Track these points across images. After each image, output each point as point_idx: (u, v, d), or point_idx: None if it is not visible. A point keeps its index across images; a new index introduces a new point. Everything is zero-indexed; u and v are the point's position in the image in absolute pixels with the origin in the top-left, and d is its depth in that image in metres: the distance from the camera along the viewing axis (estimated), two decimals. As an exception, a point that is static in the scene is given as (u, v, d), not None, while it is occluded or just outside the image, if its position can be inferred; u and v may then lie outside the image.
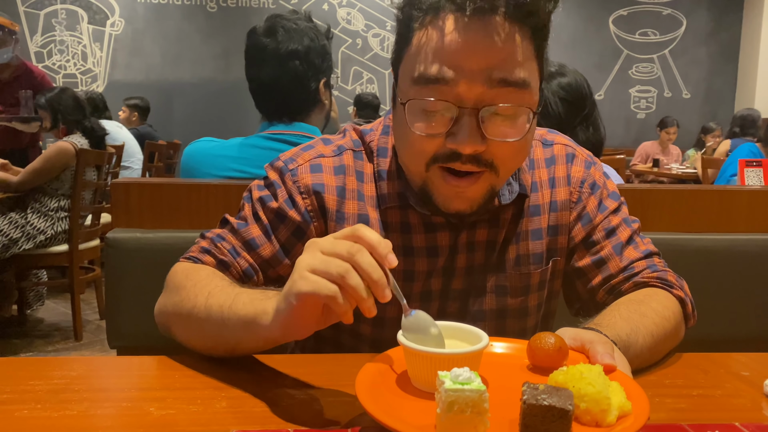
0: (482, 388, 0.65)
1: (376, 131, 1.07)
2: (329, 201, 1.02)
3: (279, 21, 1.74)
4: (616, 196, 1.13)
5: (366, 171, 1.05)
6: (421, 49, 0.88)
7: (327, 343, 1.10)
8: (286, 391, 0.83)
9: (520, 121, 0.89)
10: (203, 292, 0.90)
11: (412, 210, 1.02)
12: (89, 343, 3.67)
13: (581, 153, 1.14)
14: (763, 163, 3.21)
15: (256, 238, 1.02)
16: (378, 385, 0.75)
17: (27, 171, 3.50)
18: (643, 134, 8.43)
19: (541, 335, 0.82)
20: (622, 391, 0.72)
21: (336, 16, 7.99)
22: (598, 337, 0.83)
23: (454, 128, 0.87)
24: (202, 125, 7.32)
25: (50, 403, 0.78)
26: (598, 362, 0.77)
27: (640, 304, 1.00)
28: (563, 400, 0.66)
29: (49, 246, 3.55)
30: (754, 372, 0.93)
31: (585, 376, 0.70)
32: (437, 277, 1.04)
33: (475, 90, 0.86)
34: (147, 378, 0.91)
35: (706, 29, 8.67)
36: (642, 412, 0.70)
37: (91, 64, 7.73)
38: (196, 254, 1.03)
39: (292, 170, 1.03)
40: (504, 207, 1.04)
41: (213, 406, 0.77)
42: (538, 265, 1.08)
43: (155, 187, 1.58)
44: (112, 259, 1.50)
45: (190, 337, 0.94)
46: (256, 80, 1.76)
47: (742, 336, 1.62)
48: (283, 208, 1.01)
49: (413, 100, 0.89)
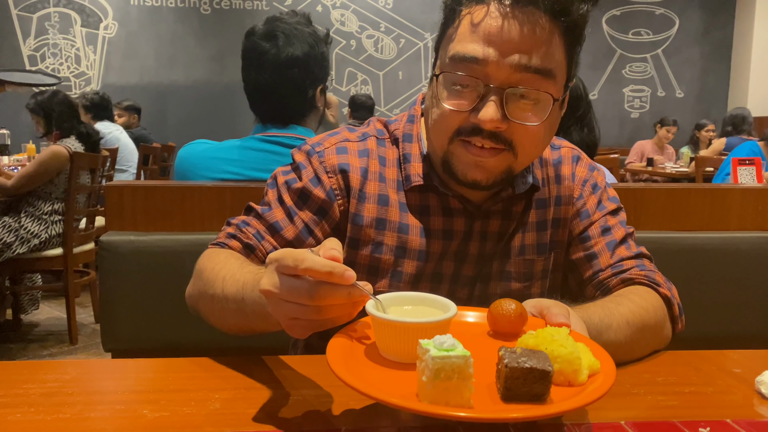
0: (467, 354, 0.66)
1: (400, 121, 1.14)
2: (354, 180, 1.07)
3: (279, 25, 1.73)
4: (615, 200, 1.19)
5: (389, 156, 1.11)
6: (461, 32, 0.96)
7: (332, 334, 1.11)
8: (280, 393, 0.83)
9: (541, 107, 0.95)
10: (219, 276, 0.94)
11: (432, 193, 1.08)
12: (84, 346, 3.66)
13: (586, 158, 1.22)
14: (756, 161, 3.23)
15: (280, 221, 1.07)
16: (351, 359, 0.75)
17: (21, 175, 3.49)
18: (637, 133, 8.46)
19: (501, 301, 0.83)
20: (588, 351, 0.74)
21: (330, 18, 7.98)
22: (555, 302, 0.87)
23: (479, 104, 0.94)
24: (197, 128, 7.31)
25: (43, 406, 0.78)
26: (552, 322, 0.80)
27: (617, 295, 1.04)
28: (542, 361, 0.67)
29: (43, 250, 3.54)
30: (746, 369, 0.94)
31: (556, 339, 0.73)
32: (449, 261, 1.10)
33: (503, 71, 0.92)
34: (141, 380, 0.91)
35: (699, 29, 8.70)
36: (610, 370, 0.72)
37: (85, 67, 7.71)
38: (223, 239, 1.07)
39: (319, 152, 1.09)
40: (516, 199, 1.10)
41: (207, 408, 0.78)
42: (542, 254, 1.14)
43: (149, 189, 1.57)
44: (106, 262, 1.50)
45: (215, 319, 0.99)
46: (253, 84, 1.76)
47: (734, 333, 1.63)
48: (308, 187, 1.07)
49: (446, 73, 0.97)
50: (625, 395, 0.85)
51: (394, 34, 8.12)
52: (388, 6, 8.11)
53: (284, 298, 0.72)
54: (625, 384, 0.88)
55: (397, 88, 8.20)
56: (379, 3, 8.09)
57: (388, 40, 8.15)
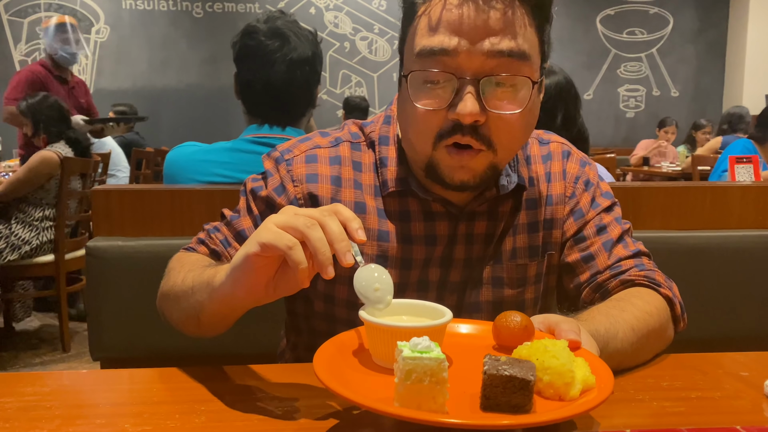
0: (441, 357, 0.63)
1: (376, 123, 1.09)
2: (323, 190, 1.03)
3: (282, 24, 1.71)
4: (609, 196, 1.13)
5: (364, 161, 1.06)
6: (423, 23, 0.90)
7: (322, 336, 1.08)
8: (267, 403, 0.79)
9: (520, 93, 0.90)
10: (184, 269, 0.94)
11: (412, 198, 1.03)
12: (77, 354, 3.61)
13: (577, 152, 1.15)
14: (753, 159, 3.21)
15: (246, 229, 1.04)
16: (337, 362, 0.74)
17: (10, 181, 3.45)
18: (633, 133, 8.46)
19: (506, 314, 0.81)
20: (586, 366, 0.70)
21: (323, 20, 7.96)
22: (565, 318, 0.83)
23: (455, 99, 0.88)
24: (190, 131, 7.25)
25: (19, 421, 0.74)
26: (563, 338, 0.77)
27: (620, 300, 1.00)
28: (525, 370, 0.64)
29: (34, 256, 3.49)
30: (754, 372, 0.91)
31: (549, 350, 0.69)
32: (435, 267, 1.05)
33: (475, 60, 0.87)
34: (123, 392, 0.87)
35: (693, 27, 8.71)
36: (606, 386, 0.68)
37: (77, 72, 7.64)
38: (193, 245, 1.08)
39: (288, 160, 1.05)
40: (502, 199, 1.05)
41: (191, 422, 0.74)
42: (535, 257, 1.09)
43: (137, 193, 1.54)
44: (93, 268, 1.47)
45: (173, 315, 0.97)
46: (263, 83, 1.71)
47: (738, 334, 1.60)
48: (272, 196, 1.03)
49: (415, 71, 0.90)
50: (629, 401, 0.82)
51: (388, 36, 8.10)
52: (381, 8, 8.09)
53: (296, 214, 0.76)
54: (629, 390, 0.85)
55: (391, 89, 8.17)
56: (372, 5, 8.07)
57: (382, 41, 8.13)
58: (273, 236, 0.74)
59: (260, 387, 0.84)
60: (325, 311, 1.07)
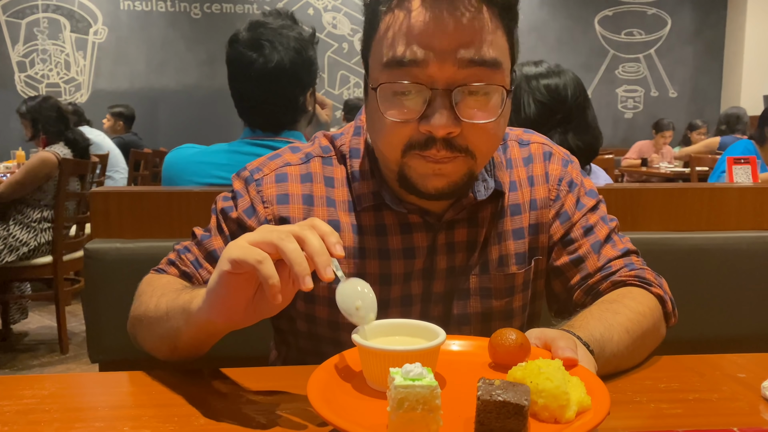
0: (433, 384, 0.62)
1: (347, 134, 1.05)
2: (294, 210, 1.00)
3: (263, 32, 1.65)
4: (593, 194, 1.11)
5: (336, 176, 1.03)
6: (390, 33, 0.87)
7: (309, 354, 1.07)
8: (266, 406, 0.79)
9: (493, 101, 0.88)
10: (157, 293, 0.92)
11: (387, 210, 1.00)
12: (75, 356, 3.61)
13: (558, 151, 1.12)
14: (751, 160, 3.21)
15: (218, 249, 1.01)
16: (331, 387, 0.74)
17: (9, 182, 3.44)
18: (631, 133, 8.47)
19: (502, 331, 0.80)
20: (582, 386, 0.70)
21: (321, 21, 7.96)
22: (561, 333, 0.82)
23: (427, 111, 0.86)
24: (188, 132, 7.25)
25: (18, 425, 0.74)
26: (559, 356, 0.76)
27: (612, 302, 0.99)
28: (519, 395, 0.64)
29: (32, 258, 3.49)
30: (751, 374, 0.91)
31: (543, 371, 0.68)
32: (417, 280, 1.02)
33: (447, 70, 0.84)
34: (121, 395, 0.87)
35: (691, 28, 8.72)
36: (602, 408, 0.68)
37: (75, 73, 7.66)
38: (163, 266, 1.05)
39: (257, 180, 1.02)
40: (481, 205, 1.02)
41: (190, 424, 0.74)
42: (522, 265, 1.06)
43: (135, 195, 1.54)
44: (91, 270, 1.46)
45: (146, 340, 0.95)
46: (240, 95, 1.71)
47: (735, 335, 1.60)
48: (242, 218, 1.00)
49: (385, 84, 0.87)
50: (627, 403, 0.82)
51: (387, 37, 8.09)
52: (379, 8, 8.08)
53: (264, 239, 0.73)
54: (627, 392, 0.85)
55: (389, 90, 8.17)
56: (370, 6, 8.06)
57: (380, 42, 8.12)
58: (242, 252, 0.72)
59: (258, 389, 0.84)
60: (308, 330, 1.05)
